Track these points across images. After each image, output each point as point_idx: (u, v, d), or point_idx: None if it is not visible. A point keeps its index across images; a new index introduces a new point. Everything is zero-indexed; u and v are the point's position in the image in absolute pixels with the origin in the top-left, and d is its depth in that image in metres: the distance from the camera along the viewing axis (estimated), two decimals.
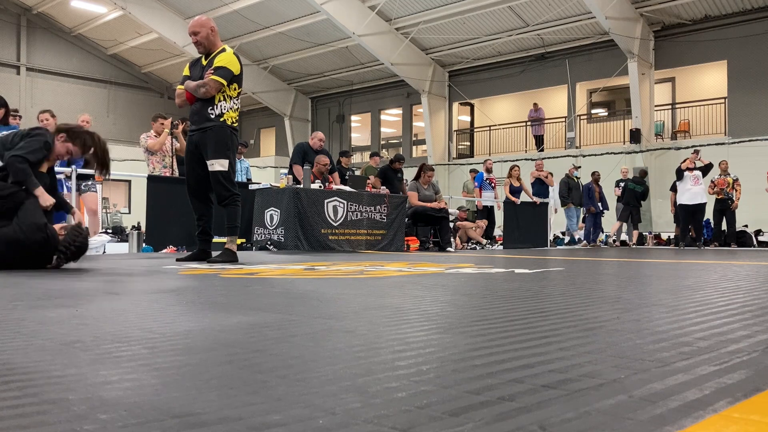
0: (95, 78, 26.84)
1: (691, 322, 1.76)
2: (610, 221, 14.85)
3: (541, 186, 13.43)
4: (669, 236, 15.03)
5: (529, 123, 20.65)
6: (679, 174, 12.78)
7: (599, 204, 14.15)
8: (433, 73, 21.68)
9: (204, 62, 4.95)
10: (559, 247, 13.15)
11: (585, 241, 14.23)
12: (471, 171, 14.47)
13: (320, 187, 8.30)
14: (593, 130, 19.89)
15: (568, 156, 18.93)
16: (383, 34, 19.94)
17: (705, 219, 13.43)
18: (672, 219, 14.14)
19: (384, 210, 8.91)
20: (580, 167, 14.91)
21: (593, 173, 14.57)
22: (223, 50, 4.94)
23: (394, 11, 19.48)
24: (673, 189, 13.41)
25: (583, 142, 19.63)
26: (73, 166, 7.33)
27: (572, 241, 14.20)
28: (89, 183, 8.11)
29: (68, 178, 7.61)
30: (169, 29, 22.60)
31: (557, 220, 14.85)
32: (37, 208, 4.00)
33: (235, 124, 5.00)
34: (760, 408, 0.90)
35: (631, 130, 17.81)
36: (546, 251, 9.93)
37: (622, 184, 14.14)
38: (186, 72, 5.05)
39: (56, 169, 7.29)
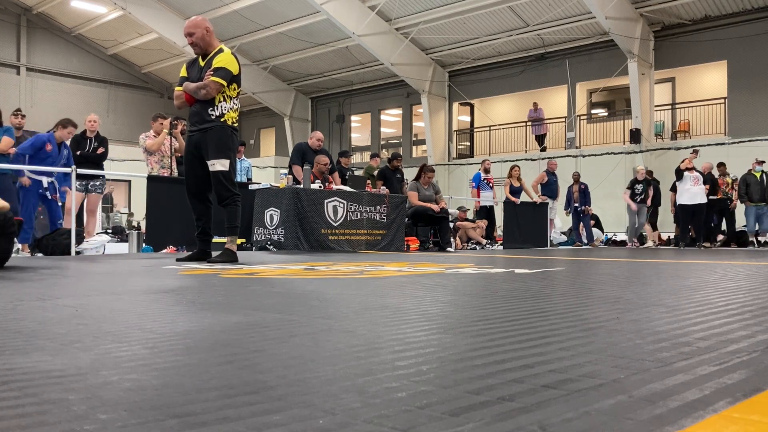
0: (95, 78, 26.83)
1: (691, 322, 1.76)
2: (610, 221, 14.81)
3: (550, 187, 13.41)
4: (669, 236, 15.02)
5: (529, 123, 20.65)
6: (679, 174, 12.77)
7: (576, 205, 13.93)
8: (433, 73, 21.67)
9: (201, 63, 4.92)
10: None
11: (578, 242, 14.21)
12: None
13: (320, 187, 8.29)
14: (593, 130, 19.89)
15: (568, 156, 18.93)
16: (383, 34, 19.93)
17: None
18: (672, 219, 14.11)
19: (384, 210, 8.91)
20: (764, 161, 13.57)
21: (573, 173, 14.51)
22: (221, 50, 4.90)
23: (394, 11, 19.47)
24: (673, 189, 13.39)
25: (583, 142, 19.63)
26: (73, 166, 7.34)
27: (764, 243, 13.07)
28: (97, 184, 8.12)
29: (65, 177, 7.59)
30: (169, 29, 22.58)
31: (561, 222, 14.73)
32: None
33: (235, 125, 4.99)
34: (760, 408, 0.90)
35: (631, 130, 17.80)
36: (546, 251, 9.93)
37: (638, 187, 13.80)
38: (183, 73, 5.01)
39: (53, 168, 7.32)
